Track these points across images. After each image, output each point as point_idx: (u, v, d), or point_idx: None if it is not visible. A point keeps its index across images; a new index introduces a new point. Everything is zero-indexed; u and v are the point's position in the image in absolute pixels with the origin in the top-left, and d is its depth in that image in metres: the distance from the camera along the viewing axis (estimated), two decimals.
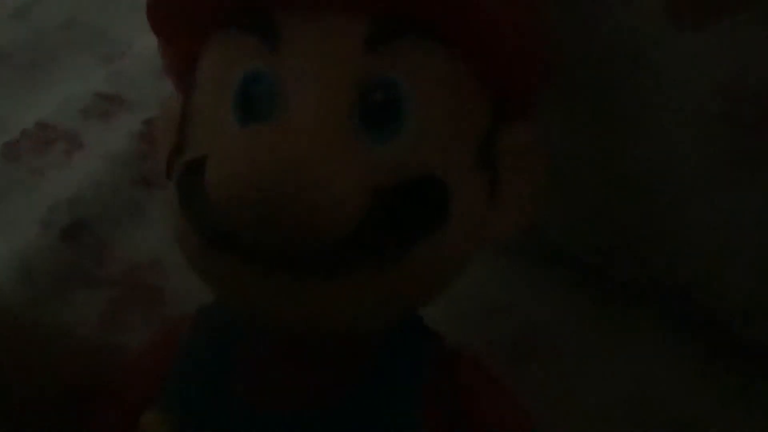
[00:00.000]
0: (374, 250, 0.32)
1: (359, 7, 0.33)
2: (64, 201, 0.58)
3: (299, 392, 0.34)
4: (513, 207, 0.37)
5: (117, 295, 0.54)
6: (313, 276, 0.32)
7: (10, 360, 0.39)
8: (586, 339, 0.50)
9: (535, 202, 0.37)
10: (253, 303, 0.34)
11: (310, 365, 0.35)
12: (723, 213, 0.43)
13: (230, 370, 0.35)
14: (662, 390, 0.48)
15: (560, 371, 0.49)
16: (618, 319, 0.51)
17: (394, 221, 0.32)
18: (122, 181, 0.61)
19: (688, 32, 0.41)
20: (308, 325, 0.33)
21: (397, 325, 0.35)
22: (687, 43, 0.41)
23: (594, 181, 0.46)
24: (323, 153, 0.30)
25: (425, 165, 0.33)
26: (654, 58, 0.42)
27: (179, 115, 0.37)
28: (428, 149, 0.33)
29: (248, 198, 0.29)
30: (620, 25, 0.42)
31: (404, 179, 0.32)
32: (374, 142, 0.32)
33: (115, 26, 0.76)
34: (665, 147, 0.43)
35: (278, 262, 0.32)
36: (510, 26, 0.35)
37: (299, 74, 0.33)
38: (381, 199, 0.31)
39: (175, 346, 0.37)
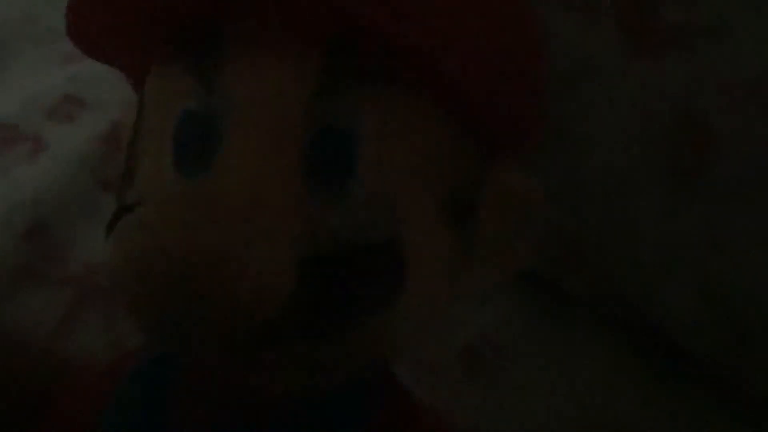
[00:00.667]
0: (308, 328, 0.27)
1: (314, 35, 0.27)
2: (26, 202, 0.58)
3: (239, 424, 0.31)
4: (497, 253, 0.32)
5: (76, 296, 0.54)
6: (240, 354, 0.27)
7: None
8: (534, 351, 0.51)
9: (526, 247, 0.32)
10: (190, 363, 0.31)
11: (249, 401, 0.31)
12: (666, 229, 0.44)
13: (170, 399, 0.32)
14: (610, 401, 0.49)
15: (509, 383, 0.50)
16: (567, 331, 0.52)
17: (335, 294, 0.27)
18: (84, 183, 0.60)
19: (640, 59, 0.42)
20: (241, 387, 0.30)
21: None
22: (639, 69, 0.43)
23: (546, 196, 0.47)
24: (248, 231, 0.25)
25: (379, 227, 0.28)
26: (609, 81, 0.44)
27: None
28: (384, 208, 0.28)
29: (161, 292, 0.26)
30: (578, 50, 0.44)
31: (351, 245, 0.27)
32: (320, 201, 0.27)
33: None
34: (614, 164, 0.44)
35: (206, 345, 0.27)
36: (487, 65, 0.29)
37: (240, 117, 0.28)
38: (321, 269, 0.26)
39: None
